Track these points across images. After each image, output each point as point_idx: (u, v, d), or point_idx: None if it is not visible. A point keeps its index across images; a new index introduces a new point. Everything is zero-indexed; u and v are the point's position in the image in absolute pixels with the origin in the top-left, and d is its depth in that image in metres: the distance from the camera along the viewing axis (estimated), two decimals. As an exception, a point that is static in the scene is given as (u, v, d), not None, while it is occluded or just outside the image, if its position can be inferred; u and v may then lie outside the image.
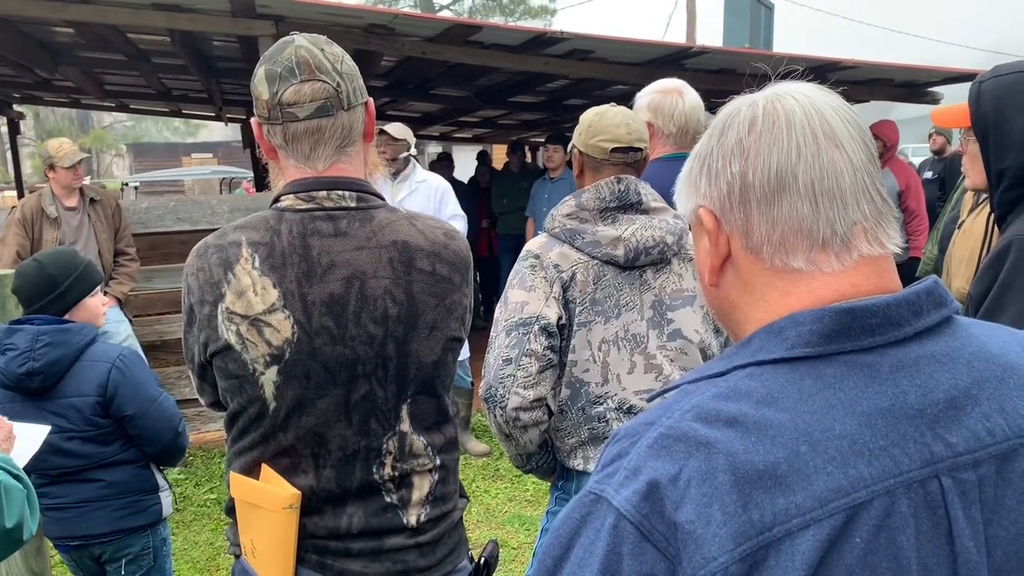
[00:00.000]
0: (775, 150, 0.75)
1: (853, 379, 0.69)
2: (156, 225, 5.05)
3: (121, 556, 2.42)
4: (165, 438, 2.40)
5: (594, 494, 0.70)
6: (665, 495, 0.66)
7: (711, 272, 0.80)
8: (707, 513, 0.64)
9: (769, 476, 0.65)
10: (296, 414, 1.34)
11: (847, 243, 0.74)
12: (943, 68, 5.82)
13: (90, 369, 2.32)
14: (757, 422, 0.67)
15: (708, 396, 0.71)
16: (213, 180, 17.42)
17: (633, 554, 0.65)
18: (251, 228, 1.36)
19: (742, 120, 0.77)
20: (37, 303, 2.34)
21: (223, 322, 1.33)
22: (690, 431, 0.68)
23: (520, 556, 3.61)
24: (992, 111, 1.68)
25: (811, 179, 0.74)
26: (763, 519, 0.64)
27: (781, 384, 0.70)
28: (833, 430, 0.67)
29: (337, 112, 1.33)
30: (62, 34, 5.62)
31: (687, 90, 2.44)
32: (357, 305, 1.33)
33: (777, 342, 0.72)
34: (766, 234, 0.75)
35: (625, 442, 0.72)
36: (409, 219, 1.42)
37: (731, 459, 0.66)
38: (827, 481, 0.65)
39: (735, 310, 0.80)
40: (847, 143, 0.75)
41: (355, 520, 1.38)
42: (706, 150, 0.80)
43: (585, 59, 5.46)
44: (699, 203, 0.81)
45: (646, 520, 0.66)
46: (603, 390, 1.92)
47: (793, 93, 0.77)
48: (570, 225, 1.95)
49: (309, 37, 1.36)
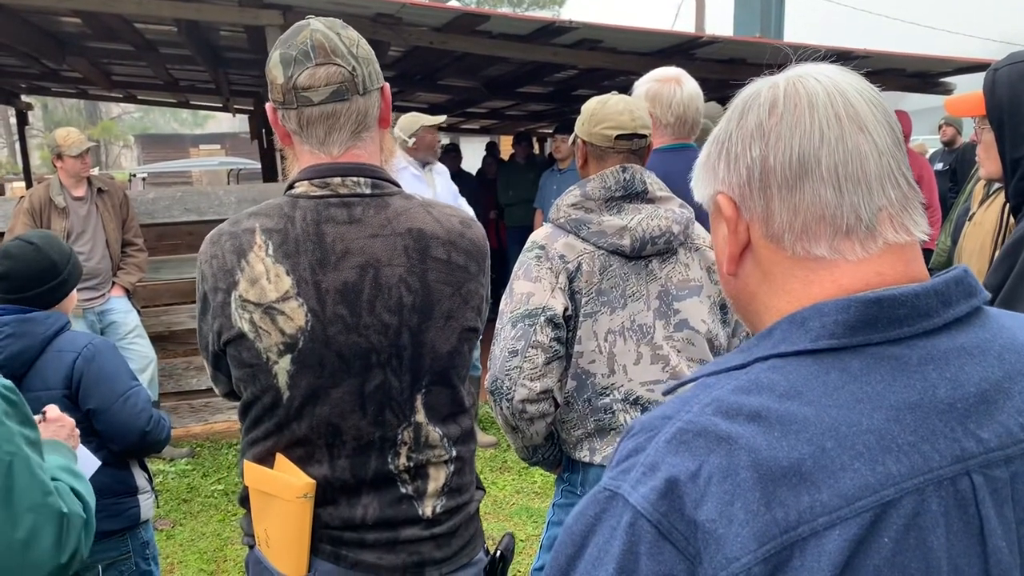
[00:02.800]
0: (797, 133, 0.71)
1: (880, 372, 0.66)
2: (163, 216, 5.05)
3: (95, 563, 2.21)
4: (130, 437, 2.19)
5: (609, 491, 0.68)
6: (684, 493, 0.63)
7: (729, 261, 0.77)
8: (729, 511, 0.62)
9: (794, 473, 0.62)
10: (310, 404, 1.33)
11: (872, 230, 0.71)
12: (955, 58, 5.77)
13: (57, 360, 2.15)
14: (781, 416, 0.65)
15: (729, 389, 0.68)
16: (220, 171, 17.45)
17: (650, 553, 0.63)
18: (265, 215, 1.35)
19: (762, 102, 0.74)
20: (34, 289, 2.19)
21: (236, 310, 1.31)
22: (710, 426, 0.66)
23: (528, 548, 3.61)
24: (1007, 98, 1.65)
25: (835, 163, 0.70)
26: (788, 518, 0.61)
27: (805, 377, 0.67)
28: (860, 425, 0.64)
29: (352, 97, 1.31)
30: (69, 24, 5.62)
31: (686, 79, 2.41)
32: (371, 293, 1.31)
33: (800, 333, 0.69)
34: (787, 221, 0.72)
35: (641, 437, 0.69)
36: (425, 207, 1.40)
37: (754, 455, 0.63)
38: (854, 479, 0.62)
39: (754, 300, 0.77)
40: (872, 126, 0.72)
41: (370, 511, 1.36)
42: (725, 134, 0.77)
43: (594, 49, 5.43)
44: (717, 189, 0.77)
45: (664, 519, 0.63)
46: (609, 381, 1.91)
47: (815, 74, 0.74)
48: (575, 215, 1.93)
49: (325, 21, 1.33)
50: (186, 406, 5.22)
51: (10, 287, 2.18)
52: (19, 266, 2.18)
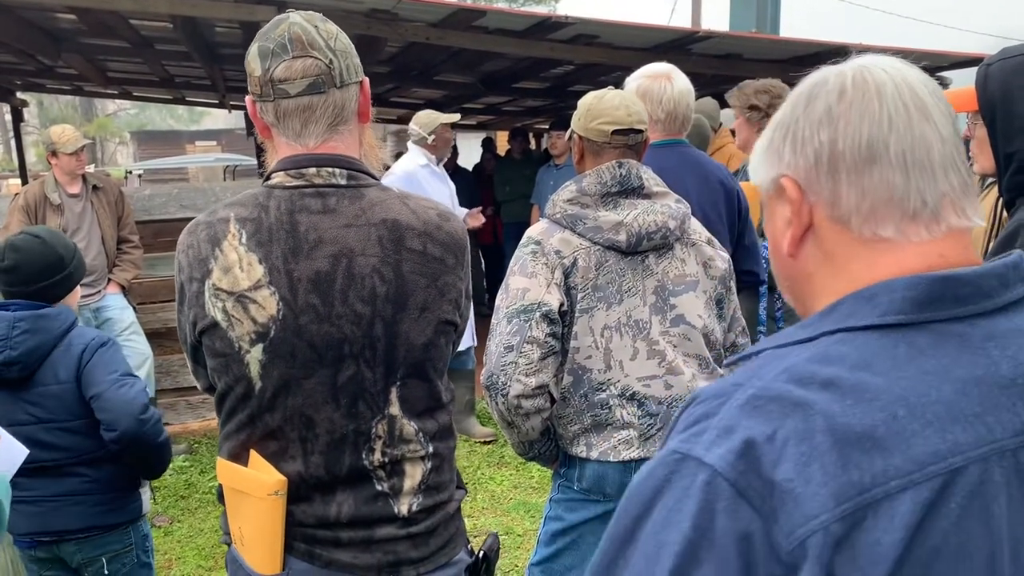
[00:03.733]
0: (866, 119, 0.74)
1: (946, 347, 0.69)
2: (160, 212, 5.05)
3: (100, 555, 2.27)
4: (125, 421, 2.13)
5: (679, 453, 0.69)
6: (762, 453, 0.66)
7: (791, 243, 0.79)
8: (806, 472, 0.64)
9: (867, 438, 0.65)
10: (282, 394, 1.32)
11: (936, 214, 0.74)
12: (951, 53, 5.77)
13: (67, 354, 2.18)
14: (853, 385, 0.67)
15: (801, 359, 0.71)
16: (217, 167, 17.42)
17: (727, 511, 0.65)
18: (240, 205, 1.35)
19: (831, 89, 0.76)
20: (41, 282, 2.21)
21: (210, 299, 1.31)
22: (785, 392, 0.68)
23: (525, 543, 3.62)
24: (999, 93, 1.66)
25: (903, 149, 0.73)
26: (862, 480, 0.64)
27: (874, 350, 0.70)
28: (929, 396, 0.67)
29: (329, 89, 1.31)
30: (64, 20, 5.60)
31: (676, 75, 2.42)
32: (344, 283, 1.31)
33: (868, 308, 0.72)
34: (855, 204, 0.75)
35: (712, 403, 0.72)
36: (402, 198, 1.39)
37: (829, 420, 0.66)
38: (925, 445, 0.65)
39: (811, 281, 0.80)
40: (936, 115, 0.75)
41: (344, 508, 1.35)
42: (790, 119, 0.79)
43: (590, 44, 5.42)
44: (782, 172, 0.79)
45: (742, 477, 0.65)
46: (606, 377, 1.91)
47: (881, 65, 0.77)
48: (571, 210, 1.93)
49: (304, 14, 1.34)
50: (183, 402, 5.22)
51: (17, 280, 2.20)
52: (27, 259, 2.20)
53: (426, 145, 4.54)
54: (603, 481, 1.95)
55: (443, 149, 4.63)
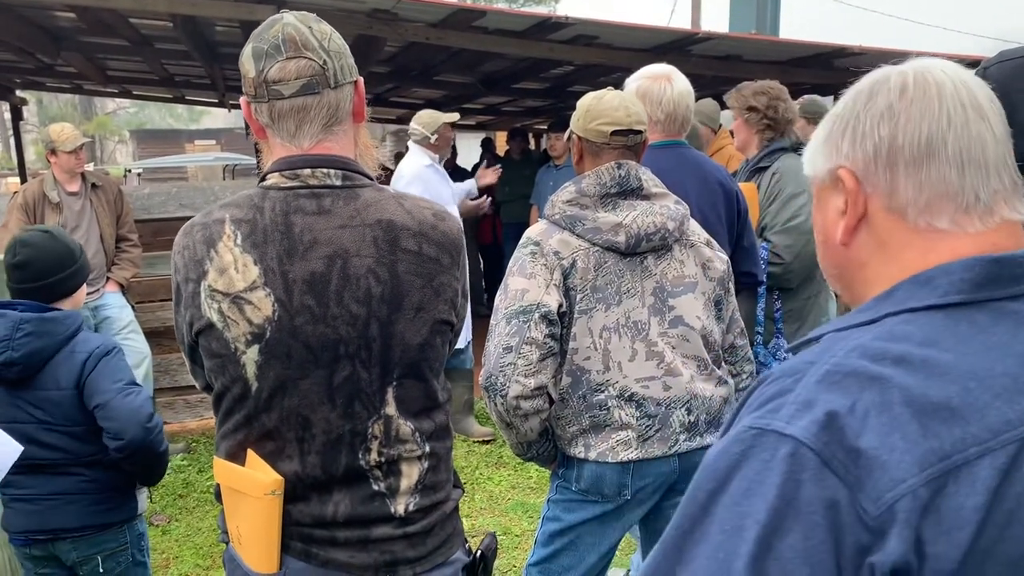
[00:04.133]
0: (927, 117, 0.78)
1: (1005, 324, 0.73)
2: (159, 211, 5.06)
3: (95, 554, 2.27)
4: (132, 430, 2.13)
5: (757, 428, 0.72)
6: (845, 424, 0.68)
7: (845, 231, 0.83)
8: (890, 441, 0.67)
9: (944, 408, 0.68)
10: (279, 395, 1.33)
11: (989, 208, 0.78)
12: (949, 55, 5.77)
13: (70, 361, 2.17)
14: (924, 360, 0.71)
15: (869, 337, 0.74)
16: (216, 167, 17.41)
17: (814, 480, 0.67)
18: (235, 206, 1.35)
19: (892, 86, 0.80)
20: (51, 278, 2.21)
21: (206, 300, 1.32)
22: (860, 367, 0.71)
23: (523, 543, 3.62)
24: (998, 96, 1.66)
25: (960, 147, 0.77)
26: (943, 447, 0.67)
27: (938, 328, 0.74)
28: (995, 369, 0.71)
29: (323, 90, 1.32)
30: (64, 19, 5.59)
31: (676, 76, 2.42)
32: (339, 284, 1.31)
33: (928, 291, 0.76)
34: (912, 196, 0.78)
35: (787, 380, 0.75)
36: (397, 199, 1.39)
37: (906, 392, 0.69)
38: (997, 414, 0.69)
39: (864, 268, 0.83)
40: (991, 117, 0.79)
41: (341, 508, 1.36)
42: (851, 113, 0.83)
43: (590, 45, 5.42)
44: (839, 163, 0.83)
45: (827, 448, 0.68)
46: (604, 378, 1.91)
47: (940, 67, 0.81)
48: (570, 212, 1.93)
49: (298, 15, 1.34)
50: (181, 401, 5.22)
51: (28, 276, 2.20)
52: (38, 254, 2.20)
53: (428, 145, 4.54)
54: (601, 482, 1.95)
55: (444, 148, 4.65)
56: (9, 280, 2.24)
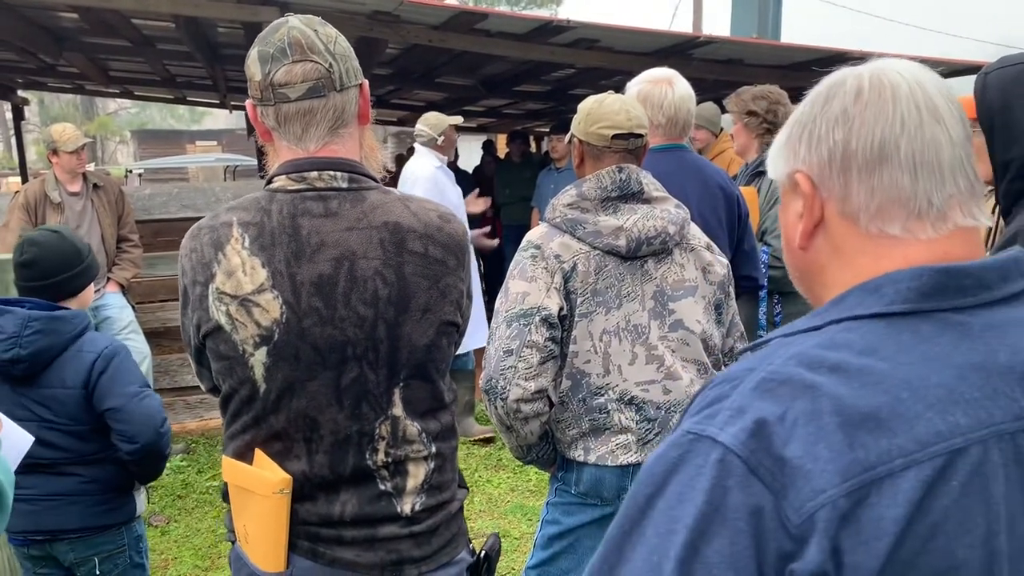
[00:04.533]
0: (880, 121, 0.77)
1: (948, 335, 0.73)
2: (160, 212, 5.06)
3: (92, 555, 2.28)
4: (147, 434, 2.20)
5: (693, 434, 0.73)
6: (773, 432, 0.69)
7: (803, 236, 0.82)
8: (814, 450, 0.67)
9: (872, 419, 0.68)
10: (287, 396, 1.33)
11: (943, 214, 0.77)
12: (951, 60, 5.78)
13: (77, 360, 2.18)
14: (860, 369, 0.71)
15: (809, 345, 0.74)
16: (217, 167, 17.42)
17: (740, 486, 0.68)
18: (242, 209, 1.36)
19: (848, 90, 0.79)
20: (58, 276, 2.23)
21: (214, 302, 1.32)
22: (795, 375, 0.72)
23: (522, 546, 3.61)
24: (998, 102, 1.66)
25: (913, 151, 0.76)
26: (868, 458, 0.67)
27: (879, 337, 0.73)
28: (931, 380, 0.70)
29: (329, 93, 1.32)
30: (66, 19, 5.60)
31: (678, 80, 2.42)
32: (346, 286, 1.32)
33: (874, 298, 0.75)
34: (864, 202, 0.78)
35: (725, 386, 0.75)
36: (403, 201, 1.40)
37: (836, 402, 0.69)
38: (927, 426, 0.68)
39: (822, 273, 0.83)
40: (948, 119, 0.77)
41: (348, 507, 1.37)
42: (808, 117, 0.82)
43: (591, 48, 5.43)
44: (796, 167, 0.82)
45: (753, 455, 0.68)
46: (604, 381, 1.91)
47: (897, 68, 0.79)
48: (571, 215, 1.93)
49: (303, 18, 1.34)
50: (181, 402, 5.22)
51: (37, 274, 2.23)
52: (46, 253, 2.23)
53: (435, 146, 4.56)
54: (600, 485, 1.95)
55: (450, 150, 4.67)
56: (17, 278, 2.27)
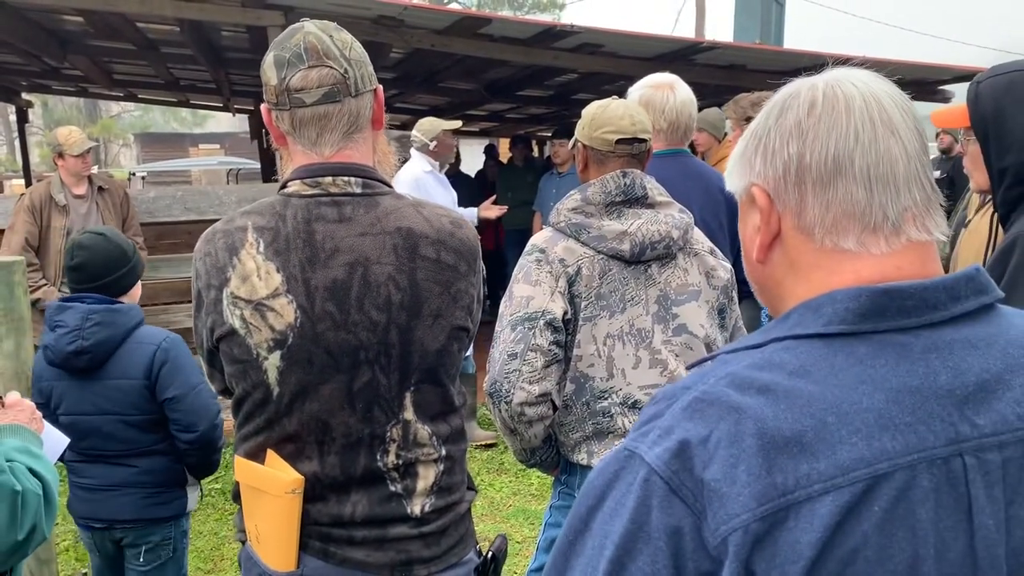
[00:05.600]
0: (834, 134, 0.76)
1: (885, 357, 0.71)
2: (163, 215, 5.06)
3: (142, 543, 2.41)
4: (203, 425, 2.32)
5: (628, 450, 0.74)
6: (695, 454, 0.69)
7: (760, 249, 0.82)
8: (733, 473, 0.67)
9: (795, 443, 0.68)
10: (299, 400, 1.35)
11: (897, 227, 0.76)
12: (953, 66, 5.79)
13: (137, 351, 2.30)
14: (788, 391, 0.70)
15: (743, 365, 0.74)
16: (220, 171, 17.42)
17: (661, 507, 0.69)
18: (257, 213, 1.37)
19: (802, 102, 0.78)
20: (107, 277, 2.32)
21: (228, 306, 1.34)
22: (723, 396, 0.71)
23: (524, 550, 3.62)
24: (991, 110, 1.67)
25: (867, 164, 0.75)
26: (786, 483, 0.67)
27: (814, 358, 0.72)
28: (861, 404, 0.69)
29: (344, 98, 1.33)
30: (71, 22, 5.62)
31: (679, 85, 2.43)
32: (360, 291, 1.33)
33: (814, 318, 0.74)
34: (819, 215, 0.77)
35: (662, 404, 0.76)
36: (415, 206, 1.41)
37: (759, 424, 0.68)
38: (851, 451, 0.67)
39: (779, 287, 0.82)
40: (903, 131, 0.76)
41: (359, 508, 1.38)
42: (763, 129, 0.81)
43: (595, 53, 5.44)
44: (752, 181, 0.81)
45: (675, 476, 0.69)
46: (608, 385, 1.92)
47: (852, 79, 0.78)
48: (575, 219, 1.94)
49: (319, 23, 1.36)
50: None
51: (86, 276, 2.32)
52: (93, 256, 2.32)
53: (428, 151, 4.59)
54: (603, 488, 1.95)
55: (445, 155, 4.69)
56: (69, 282, 2.38)
